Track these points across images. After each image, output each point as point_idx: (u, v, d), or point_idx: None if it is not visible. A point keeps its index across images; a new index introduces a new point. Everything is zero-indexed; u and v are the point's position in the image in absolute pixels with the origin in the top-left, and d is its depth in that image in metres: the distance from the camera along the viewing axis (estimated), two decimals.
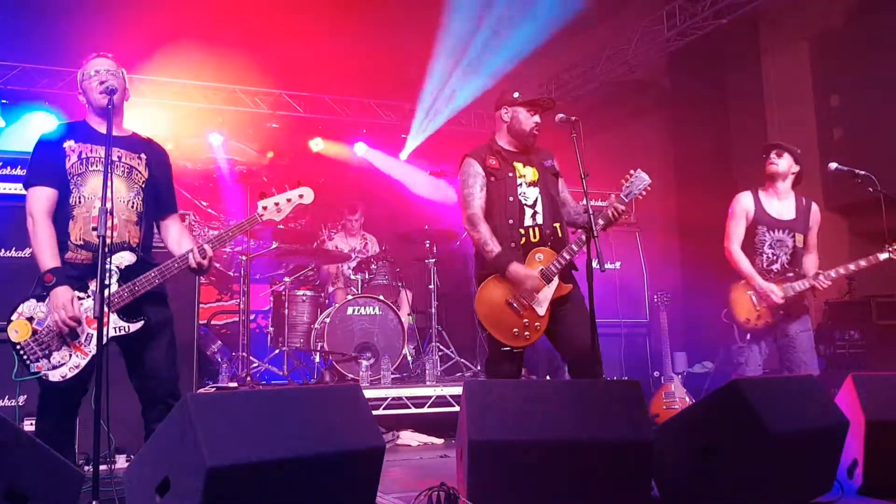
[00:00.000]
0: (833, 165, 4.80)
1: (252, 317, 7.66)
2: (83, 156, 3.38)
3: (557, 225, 4.04)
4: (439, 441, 5.66)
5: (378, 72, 8.27)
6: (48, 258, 3.22)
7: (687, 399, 6.07)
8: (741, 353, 4.72)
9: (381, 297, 6.63)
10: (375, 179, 9.37)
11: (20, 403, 4.57)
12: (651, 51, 7.57)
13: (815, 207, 4.86)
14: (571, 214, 4.15)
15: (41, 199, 3.30)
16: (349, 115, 9.01)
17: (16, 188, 4.82)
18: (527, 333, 3.85)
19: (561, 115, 3.88)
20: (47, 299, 3.20)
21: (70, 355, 3.22)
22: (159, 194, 3.60)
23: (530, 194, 4.01)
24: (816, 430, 3.12)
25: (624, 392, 3.09)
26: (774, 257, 4.73)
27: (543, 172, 4.08)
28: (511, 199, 3.96)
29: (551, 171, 4.12)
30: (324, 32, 7.27)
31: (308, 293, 7.09)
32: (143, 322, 3.34)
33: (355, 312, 6.50)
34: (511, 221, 3.94)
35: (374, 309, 6.55)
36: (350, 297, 6.63)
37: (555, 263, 3.86)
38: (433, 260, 7.06)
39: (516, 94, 4.05)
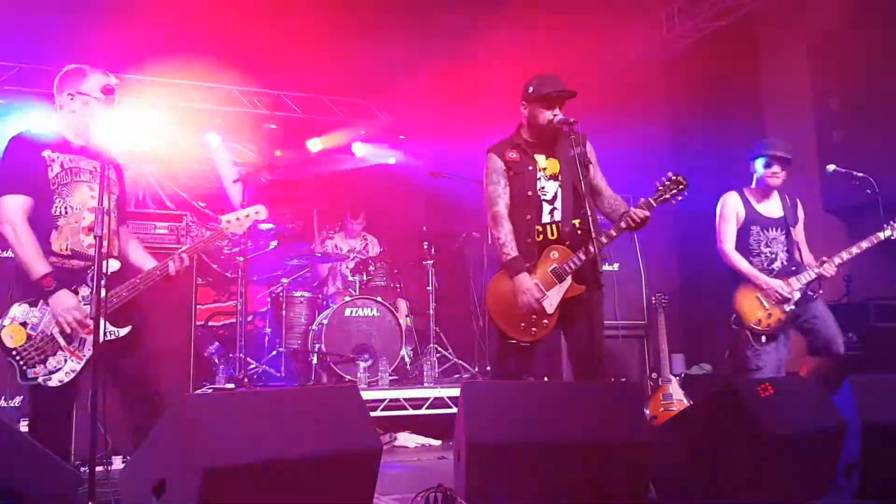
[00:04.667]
0: (831, 168, 4.80)
1: (249, 318, 7.65)
2: (66, 166, 3.37)
3: (577, 221, 3.93)
4: (437, 443, 5.65)
5: (375, 72, 8.26)
6: (40, 263, 3.21)
7: (685, 401, 6.06)
8: (757, 357, 4.57)
9: (379, 299, 6.62)
10: (373, 180, 9.37)
11: (16, 405, 4.57)
12: (650, 53, 7.57)
13: (799, 203, 4.89)
14: (605, 206, 4.05)
15: (19, 207, 3.25)
16: (347, 115, 9.00)
17: None
18: (534, 329, 3.83)
19: (559, 117, 3.88)
20: (40, 304, 3.21)
21: (65, 360, 3.23)
22: (119, 206, 3.65)
23: (550, 188, 3.95)
24: (814, 433, 3.13)
25: (622, 394, 3.09)
26: (773, 255, 4.69)
27: (567, 164, 3.94)
28: (530, 193, 3.93)
29: (575, 162, 3.81)
30: (321, 33, 7.25)
31: (306, 294, 7.08)
32: (130, 327, 3.40)
33: (353, 314, 6.49)
34: (529, 217, 3.92)
35: (372, 310, 6.54)
36: (348, 298, 6.62)
37: (569, 263, 3.82)
38: (431, 262, 7.06)
39: (531, 89, 3.96)
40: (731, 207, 4.82)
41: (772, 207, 4.82)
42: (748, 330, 4.63)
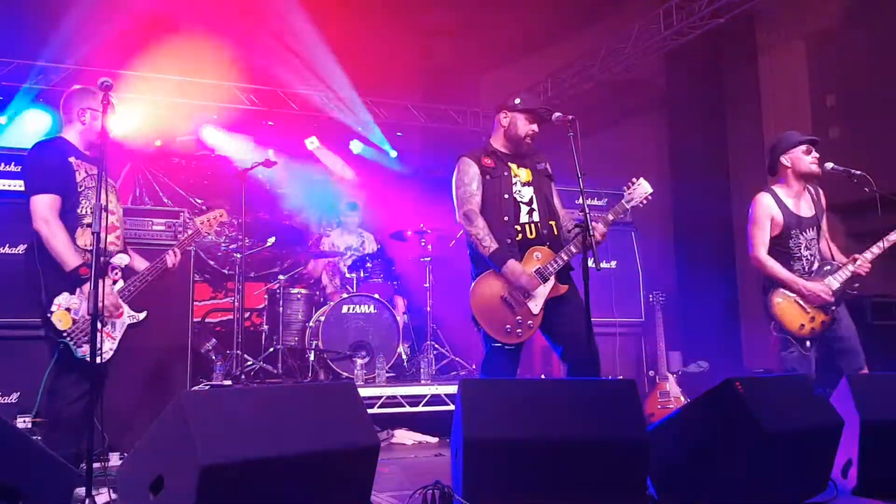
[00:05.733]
0: (829, 165, 4.75)
1: (246, 315, 7.64)
2: (89, 172, 3.78)
3: (553, 223, 4.05)
4: (434, 440, 5.65)
5: (373, 70, 8.25)
6: (73, 255, 3.58)
7: (682, 398, 6.07)
8: (800, 364, 4.30)
9: (377, 296, 6.62)
10: (371, 177, 9.36)
11: (13, 401, 4.58)
12: (648, 50, 7.57)
13: (821, 192, 4.68)
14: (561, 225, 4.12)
15: (54, 206, 3.63)
16: (344, 112, 8.98)
17: (10, 184, 4.78)
18: (519, 331, 3.85)
19: (558, 114, 3.88)
20: (77, 291, 3.59)
21: (103, 340, 3.65)
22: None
23: (525, 193, 4.04)
24: (811, 430, 3.13)
25: (619, 391, 3.08)
26: (812, 258, 4.45)
27: (537, 174, 4.11)
28: (506, 196, 3.98)
29: (544, 174, 4.15)
30: (319, 30, 7.25)
31: (303, 291, 7.08)
32: (146, 312, 3.91)
33: (350, 311, 6.48)
34: (506, 219, 3.95)
35: (369, 307, 6.54)
36: (345, 295, 6.61)
37: (552, 263, 3.87)
38: (429, 259, 7.06)
39: (518, 101, 4.07)
40: (764, 210, 4.44)
41: (804, 206, 4.54)
42: (791, 336, 4.36)
